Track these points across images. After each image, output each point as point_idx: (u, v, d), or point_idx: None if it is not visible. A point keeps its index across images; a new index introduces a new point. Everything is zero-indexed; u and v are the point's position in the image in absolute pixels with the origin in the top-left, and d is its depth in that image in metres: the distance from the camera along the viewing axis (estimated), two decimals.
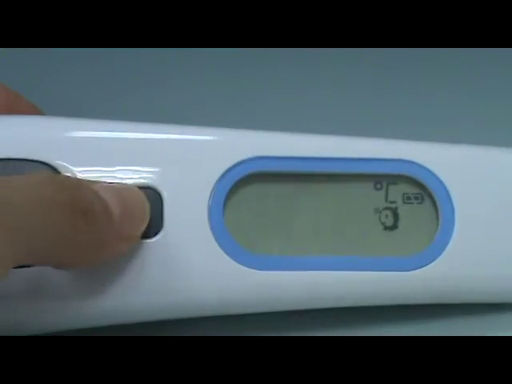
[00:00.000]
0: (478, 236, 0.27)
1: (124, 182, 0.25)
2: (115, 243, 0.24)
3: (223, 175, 0.26)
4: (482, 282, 0.27)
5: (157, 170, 0.26)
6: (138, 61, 0.35)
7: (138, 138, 0.26)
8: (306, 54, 0.35)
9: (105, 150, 0.26)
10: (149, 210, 0.25)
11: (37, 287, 0.25)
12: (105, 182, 0.24)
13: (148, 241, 0.25)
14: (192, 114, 0.33)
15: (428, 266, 0.27)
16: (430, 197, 0.27)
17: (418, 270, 0.26)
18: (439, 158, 0.27)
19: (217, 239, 0.26)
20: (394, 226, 0.27)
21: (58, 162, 0.25)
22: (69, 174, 0.25)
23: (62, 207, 0.21)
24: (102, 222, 0.23)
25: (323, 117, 0.33)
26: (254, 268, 0.26)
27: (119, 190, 0.24)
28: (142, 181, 0.25)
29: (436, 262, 0.27)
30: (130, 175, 0.25)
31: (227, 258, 0.26)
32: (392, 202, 0.27)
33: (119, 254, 0.24)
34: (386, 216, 0.27)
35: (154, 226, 0.25)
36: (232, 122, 0.27)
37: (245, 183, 0.26)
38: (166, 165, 0.26)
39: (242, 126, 0.27)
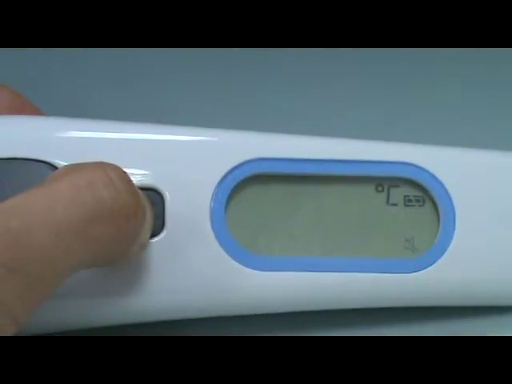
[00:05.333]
0: (478, 238, 0.27)
1: None
2: (139, 246, 0.24)
3: (225, 176, 0.26)
4: (482, 284, 0.27)
5: (159, 170, 0.26)
6: (139, 61, 0.35)
7: (140, 139, 0.26)
8: (309, 55, 0.35)
9: (106, 151, 0.26)
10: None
11: None
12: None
13: (149, 241, 0.25)
14: (194, 115, 0.33)
15: (429, 269, 0.27)
16: (431, 199, 0.27)
17: (418, 272, 0.27)
18: (440, 161, 0.27)
19: (219, 240, 0.26)
20: (395, 228, 0.27)
21: (58, 161, 0.25)
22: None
23: (118, 215, 0.22)
24: (140, 226, 0.23)
25: (325, 119, 0.33)
26: (255, 269, 0.26)
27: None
28: (144, 181, 0.25)
29: (437, 264, 0.27)
30: (132, 176, 0.25)
31: (229, 258, 0.26)
32: (393, 205, 0.27)
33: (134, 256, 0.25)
34: (388, 218, 0.27)
35: (156, 227, 0.25)
36: (234, 124, 0.27)
37: (247, 184, 0.26)
38: (167, 166, 0.26)
39: (244, 128, 0.27)
